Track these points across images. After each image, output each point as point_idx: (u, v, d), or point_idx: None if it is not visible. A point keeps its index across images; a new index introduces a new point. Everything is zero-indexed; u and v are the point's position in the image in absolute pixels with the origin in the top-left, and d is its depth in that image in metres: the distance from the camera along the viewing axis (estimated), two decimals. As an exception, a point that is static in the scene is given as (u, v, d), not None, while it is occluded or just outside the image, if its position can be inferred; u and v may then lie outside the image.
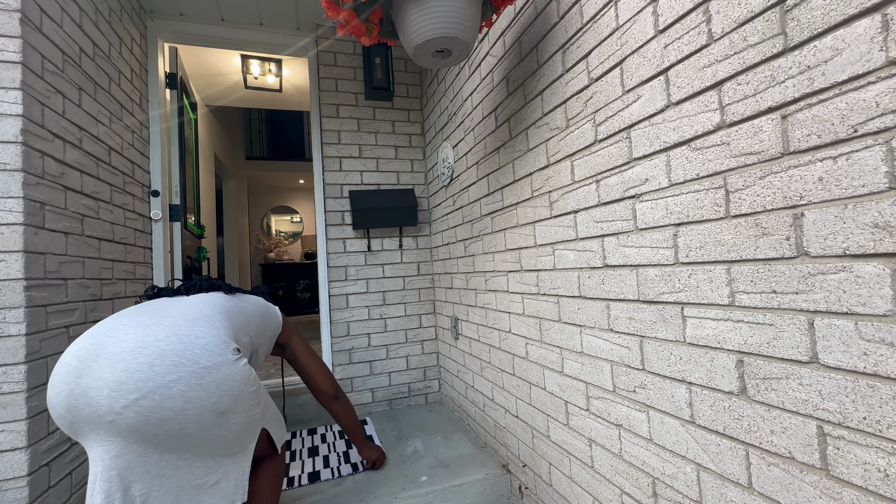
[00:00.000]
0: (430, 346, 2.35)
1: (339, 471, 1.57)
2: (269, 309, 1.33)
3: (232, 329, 1.01)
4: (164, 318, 0.93)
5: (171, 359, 0.85)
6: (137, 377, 0.81)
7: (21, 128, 1.15)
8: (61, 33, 1.37)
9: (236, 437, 0.94)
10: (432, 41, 0.97)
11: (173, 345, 0.86)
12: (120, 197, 1.73)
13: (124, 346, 0.84)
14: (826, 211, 0.55)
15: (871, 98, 0.50)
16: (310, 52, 2.32)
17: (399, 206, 2.24)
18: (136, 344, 0.85)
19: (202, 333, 0.92)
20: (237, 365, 0.93)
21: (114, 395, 0.80)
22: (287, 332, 1.42)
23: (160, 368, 0.83)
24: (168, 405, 0.82)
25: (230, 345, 0.95)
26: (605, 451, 1.00)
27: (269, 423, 1.06)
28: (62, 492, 1.26)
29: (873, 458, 0.51)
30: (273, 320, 1.32)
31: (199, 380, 0.86)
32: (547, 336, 1.21)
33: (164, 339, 0.87)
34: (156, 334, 0.87)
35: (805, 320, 0.58)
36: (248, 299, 1.25)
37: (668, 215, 0.79)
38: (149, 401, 0.81)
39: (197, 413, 0.85)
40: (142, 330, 0.88)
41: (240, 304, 1.16)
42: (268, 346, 1.30)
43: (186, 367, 0.85)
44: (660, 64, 0.79)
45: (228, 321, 1.02)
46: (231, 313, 1.07)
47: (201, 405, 0.85)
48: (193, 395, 0.84)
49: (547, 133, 1.16)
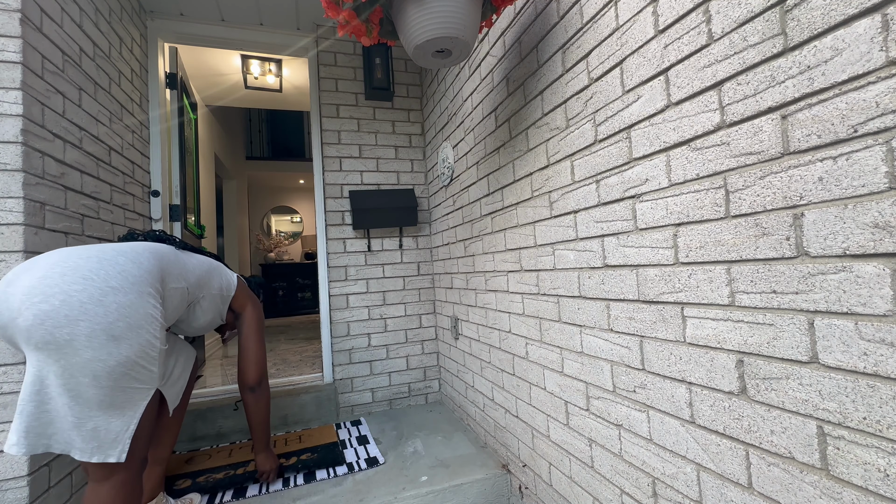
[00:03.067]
0: (430, 346, 2.35)
1: (334, 471, 1.57)
2: (219, 269, 1.35)
3: (159, 271, 1.04)
4: (94, 247, 0.99)
5: (82, 272, 0.90)
6: (47, 283, 0.87)
7: (21, 128, 1.15)
8: (61, 33, 1.37)
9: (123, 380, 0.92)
10: (432, 41, 0.97)
11: (91, 263, 0.92)
12: (120, 197, 1.73)
13: (48, 261, 0.91)
14: (826, 211, 0.55)
15: (871, 98, 0.50)
16: (310, 52, 2.32)
17: (399, 206, 2.24)
18: (58, 259, 0.92)
19: (123, 262, 0.97)
20: (147, 300, 0.97)
21: (23, 298, 0.86)
22: (242, 301, 1.41)
23: (69, 278, 0.88)
24: (64, 312, 0.86)
25: (149, 282, 0.99)
26: (605, 451, 1.00)
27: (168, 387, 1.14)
28: (62, 492, 1.26)
29: (873, 458, 0.51)
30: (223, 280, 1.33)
31: (103, 296, 0.90)
32: (547, 336, 1.21)
33: (84, 257, 0.93)
34: (79, 254, 0.94)
35: (805, 320, 0.58)
36: (195, 256, 1.29)
37: (668, 215, 0.79)
38: (48, 304, 0.85)
39: (88, 326, 0.87)
40: (68, 251, 0.95)
41: (180, 255, 1.19)
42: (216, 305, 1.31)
43: (95, 282, 0.90)
44: (660, 64, 0.79)
45: (157, 262, 1.05)
46: (166, 259, 1.10)
47: (95, 320, 0.88)
48: (91, 309, 0.88)
49: (547, 133, 1.16)
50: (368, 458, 1.65)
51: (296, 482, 1.50)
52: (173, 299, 1.10)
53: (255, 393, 1.38)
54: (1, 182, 1.13)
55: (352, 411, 2.19)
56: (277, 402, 2.05)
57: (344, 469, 1.58)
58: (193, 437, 1.91)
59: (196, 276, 1.20)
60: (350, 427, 2.00)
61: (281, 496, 1.43)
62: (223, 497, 1.43)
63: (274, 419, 2.03)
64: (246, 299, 1.42)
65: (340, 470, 1.58)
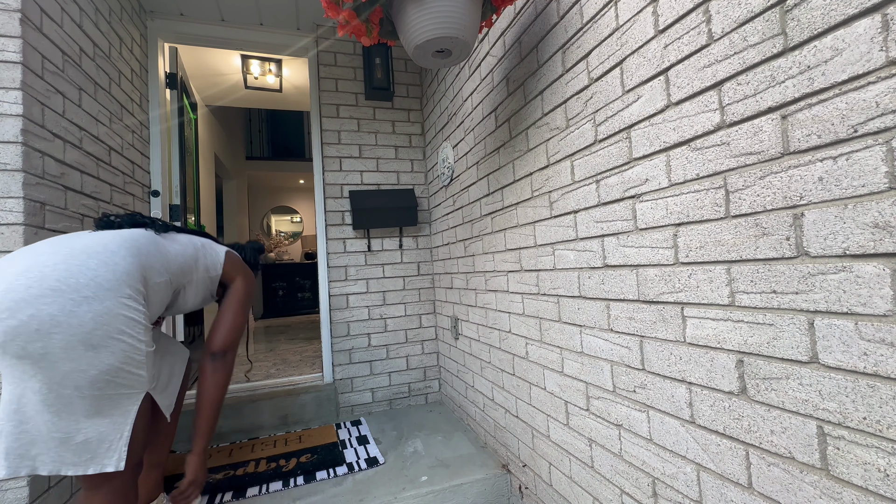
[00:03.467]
0: (430, 346, 2.35)
1: (334, 471, 1.57)
2: (206, 248, 1.24)
3: (139, 269, 0.97)
4: (61, 248, 0.92)
5: (50, 283, 0.84)
6: (12, 297, 0.82)
7: (21, 128, 1.16)
8: (61, 33, 1.37)
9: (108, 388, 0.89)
10: (432, 41, 0.97)
11: (58, 271, 0.86)
12: (120, 197, 1.73)
13: (13, 270, 0.85)
14: (826, 211, 0.55)
15: (871, 98, 0.50)
16: (310, 52, 2.32)
17: (399, 206, 2.24)
18: (23, 268, 0.85)
19: (95, 266, 0.90)
20: (123, 303, 0.91)
21: None
22: (231, 275, 1.29)
23: (36, 291, 0.83)
24: (34, 326, 0.81)
25: (126, 284, 0.93)
26: (605, 451, 1.00)
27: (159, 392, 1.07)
28: (62, 492, 1.26)
29: (873, 458, 0.51)
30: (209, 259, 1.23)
31: (76, 307, 0.85)
32: (547, 336, 1.21)
33: (51, 265, 0.87)
34: (45, 262, 0.87)
35: (805, 320, 0.58)
36: (177, 239, 1.18)
37: (668, 215, 0.79)
38: (15, 320, 0.81)
39: (63, 339, 0.83)
40: (34, 257, 0.88)
41: (161, 243, 1.10)
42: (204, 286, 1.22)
43: (65, 293, 0.85)
44: (660, 64, 0.79)
45: (135, 258, 0.98)
46: (144, 251, 1.02)
47: (69, 332, 0.83)
48: (63, 321, 0.83)
49: (547, 133, 1.16)
50: (368, 458, 1.65)
51: (296, 482, 1.50)
52: (158, 293, 1.04)
53: (215, 361, 1.20)
54: (1, 182, 1.13)
55: (352, 411, 2.19)
56: (277, 402, 2.05)
57: (344, 469, 1.58)
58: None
59: (178, 263, 1.12)
60: (350, 427, 2.00)
61: (281, 496, 1.43)
62: (223, 497, 1.43)
63: (274, 419, 2.03)
64: (236, 273, 1.30)
65: (340, 470, 1.58)
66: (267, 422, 2.01)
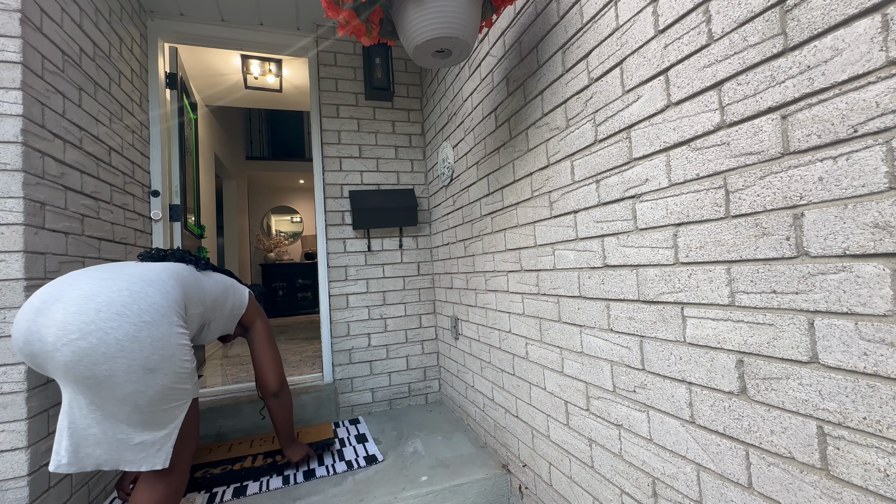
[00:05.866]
0: (430, 346, 2.35)
1: (333, 468, 1.57)
2: (234, 288, 1.40)
3: (183, 297, 1.09)
4: (122, 275, 1.00)
5: (117, 308, 0.92)
6: (82, 319, 0.88)
7: (21, 128, 1.15)
8: (61, 33, 1.37)
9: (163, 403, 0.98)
10: (432, 41, 0.97)
11: (123, 297, 0.94)
12: (120, 197, 1.73)
13: (79, 293, 0.92)
14: (826, 211, 0.55)
15: (871, 98, 0.50)
16: (310, 52, 2.32)
17: (399, 206, 2.24)
18: (90, 292, 0.92)
19: (152, 293, 0.99)
20: (175, 330, 1.00)
21: (59, 333, 0.88)
22: (252, 316, 1.48)
23: (105, 315, 0.90)
24: (102, 350, 0.88)
25: (175, 312, 1.03)
26: (605, 451, 1.00)
27: None
28: (62, 492, 1.26)
29: (873, 458, 0.51)
30: (236, 299, 1.39)
31: (138, 332, 0.93)
32: (547, 336, 1.21)
33: (116, 290, 0.94)
34: (110, 287, 0.95)
35: (805, 320, 0.58)
36: (212, 276, 1.34)
37: (668, 215, 0.79)
38: (86, 342, 0.88)
39: (126, 363, 0.90)
40: (98, 282, 0.95)
41: (200, 278, 1.23)
42: (225, 323, 1.36)
43: (129, 318, 0.92)
44: (660, 64, 0.79)
45: (181, 289, 1.10)
46: (187, 284, 1.14)
47: (132, 356, 0.91)
48: (127, 345, 0.91)
49: (547, 133, 1.16)
50: (367, 456, 1.65)
51: (295, 480, 1.51)
52: (192, 323, 1.15)
53: (278, 398, 1.47)
54: (1, 182, 1.13)
55: (352, 411, 2.19)
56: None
57: (343, 466, 1.58)
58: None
59: (212, 298, 1.25)
60: (349, 426, 2.01)
61: (281, 495, 1.43)
62: (223, 496, 1.43)
63: (274, 419, 2.03)
64: (255, 314, 1.48)
65: (339, 467, 1.58)
66: (267, 422, 2.01)
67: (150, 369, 0.94)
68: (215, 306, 1.27)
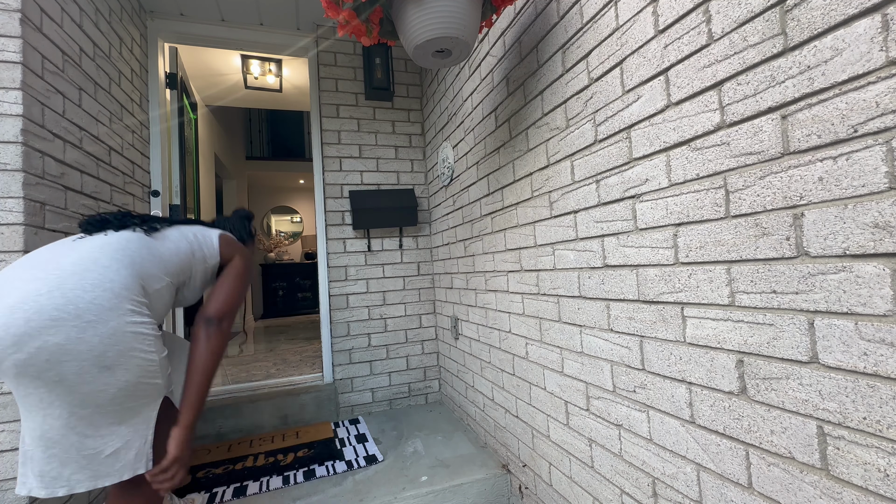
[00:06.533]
0: (430, 346, 2.35)
1: (333, 468, 1.57)
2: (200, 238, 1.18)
3: (134, 278, 0.94)
4: (51, 270, 0.88)
5: (49, 314, 0.82)
6: (13, 332, 0.80)
7: (21, 128, 1.15)
8: (61, 33, 1.37)
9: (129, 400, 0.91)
10: (432, 41, 0.97)
11: (55, 299, 0.84)
12: (120, 197, 1.73)
13: (6, 303, 0.83)
14: (826, 211, 0.55)
15: (871, 98, 0.50)
16: (310, 52, 2.32)
17: (399, 206, 2.24)
18: (16, 300, 0.83)
19: (90, 286, 0.87)
20: (128, 320, 0.89)
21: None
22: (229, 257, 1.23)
23: (36, 323, 0.81)
24: (44, 357, 0.81)
25: (127, 300, 0.90)
26: (605, 451, 1.00)
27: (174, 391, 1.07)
28: (62, 492, 1.25)
29: (873, 458, 0.51)
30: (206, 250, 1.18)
31: (81, 333, 0.84)
32: (547, 336, 1.21)
33: (45, 293, 0.84)
34: (38, 289, 0.84)
35: (805, 320, 0.58)
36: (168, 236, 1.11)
37: (668, 215, 0.79)
38: (23, 353, 0.80)
39: (76, 365, 0.83)
40: (25, 284, 0.85)
41: (153, 245, 1.04)
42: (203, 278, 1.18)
43: (67, 321, 0.83)
44: (660, 64, 0.79)
45: (130, 268, 0.94)
46: (138, 259, 0.98)
47: (80, 357, 0.83)
48: (72, 348, 0.83)
49: (547, 133, 1.16)
50: (367, 456, 1.65)
51: (295, 480, 1.51)
52: (161, 298, 1.02)
53: (210, 327, 1.09)
54: (1, 182, 1.13)
55: (352, 411, 2.19)
56: (277, 401, 2.05)
57: (343, 466, 1.59)
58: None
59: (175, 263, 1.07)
60: (349, 426, 2.01)
61: (281, 495, 1.43)
62: (223, 496, 1.43)
63: (274, 419, 2.03)
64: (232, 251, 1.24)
65: (339, 466, 1.58)
66: (267, 422, 2.01)
67: (105, 367, 0.85)
68: (182, 269, 1.09)
